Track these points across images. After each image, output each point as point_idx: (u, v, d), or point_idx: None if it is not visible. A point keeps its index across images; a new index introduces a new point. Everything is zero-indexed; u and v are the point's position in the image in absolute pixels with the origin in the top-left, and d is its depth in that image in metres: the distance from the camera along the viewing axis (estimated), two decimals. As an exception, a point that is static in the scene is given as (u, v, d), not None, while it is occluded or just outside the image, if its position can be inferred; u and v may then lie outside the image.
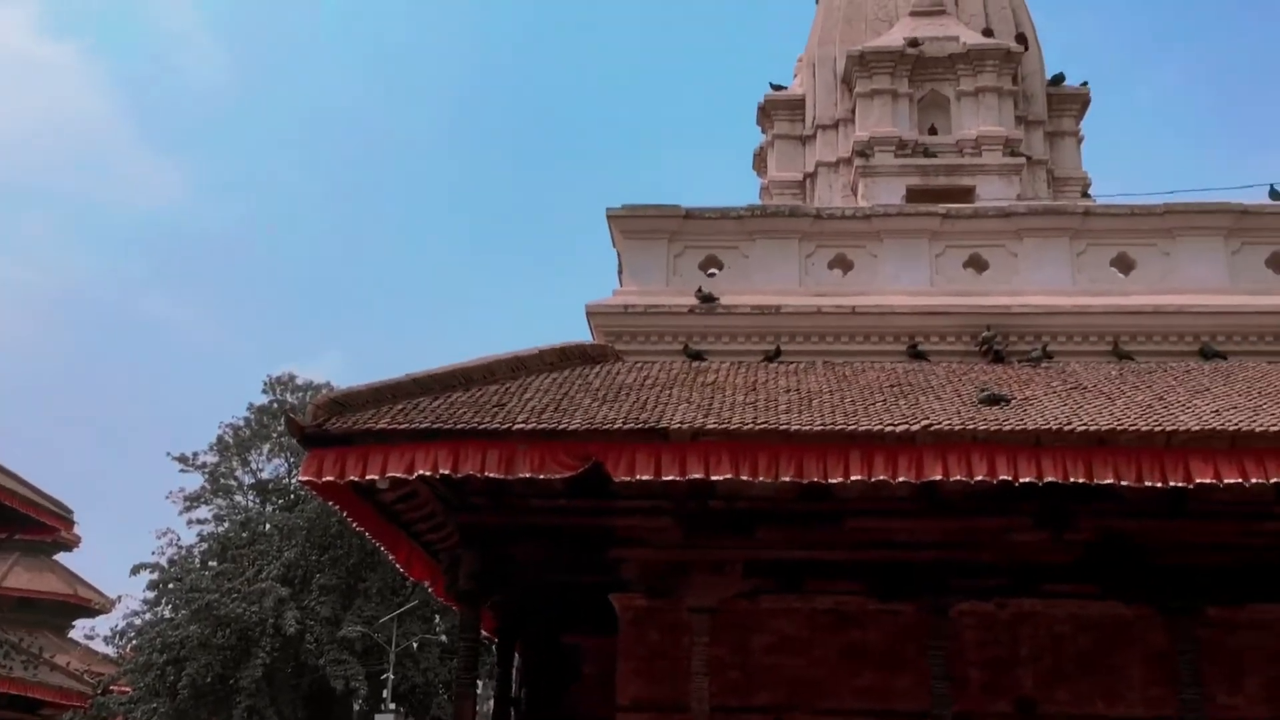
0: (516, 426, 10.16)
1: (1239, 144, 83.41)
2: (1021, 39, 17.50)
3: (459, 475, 10.18)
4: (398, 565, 14.28)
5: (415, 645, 32.01)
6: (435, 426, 10.12)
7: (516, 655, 15.32)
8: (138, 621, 32.41)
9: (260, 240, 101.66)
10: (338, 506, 11.85)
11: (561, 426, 10.17)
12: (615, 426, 10.11)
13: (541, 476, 10.15)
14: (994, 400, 10.71)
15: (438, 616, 32.10)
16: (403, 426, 10.16)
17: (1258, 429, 9.67)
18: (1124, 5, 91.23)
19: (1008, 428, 9.96)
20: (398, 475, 10.07)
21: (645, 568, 11.68)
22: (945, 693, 10.91)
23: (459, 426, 10.13)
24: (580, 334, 14.03)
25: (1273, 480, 9.52)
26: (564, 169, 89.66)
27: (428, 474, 10.11)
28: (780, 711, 12.33)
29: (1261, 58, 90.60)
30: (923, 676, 11.36)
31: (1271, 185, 14.19)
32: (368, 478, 10.11)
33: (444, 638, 31.75)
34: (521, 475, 10.10)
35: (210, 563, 31.88)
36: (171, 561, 32.27)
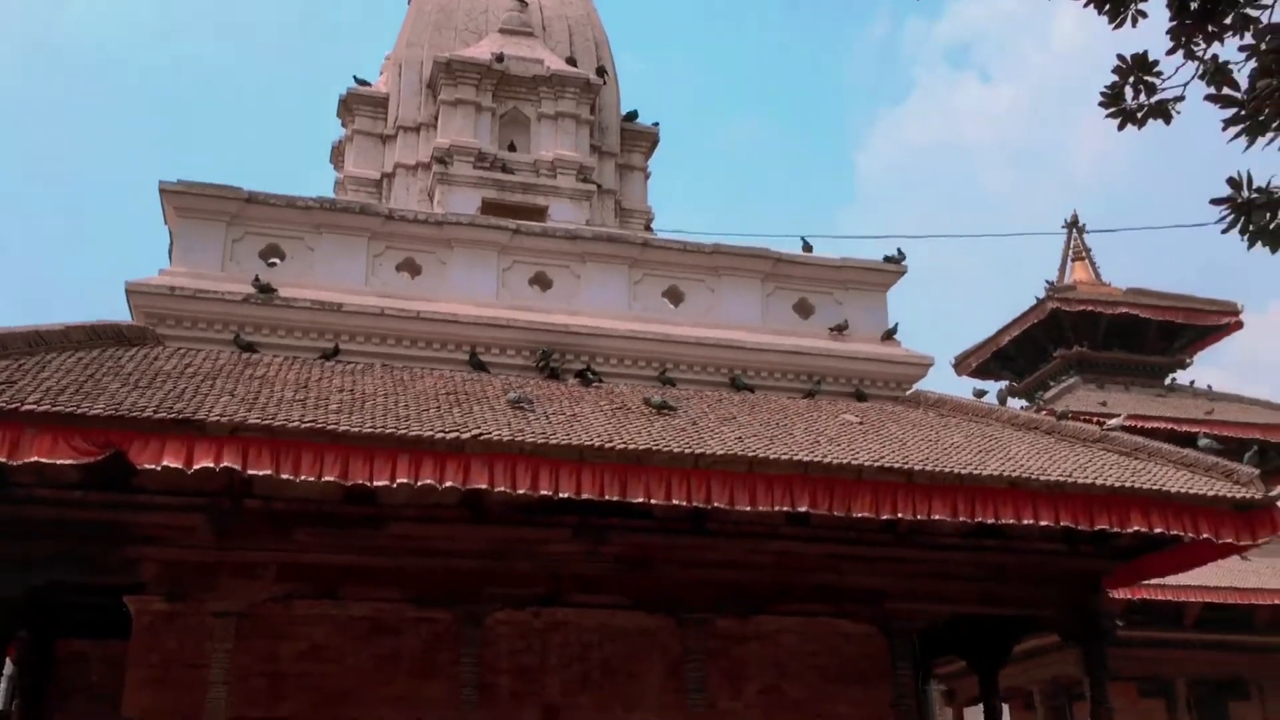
0: (26, 407, 9.12)
1: (786, 198, 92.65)
2: (602, 72, 18.25)
3: (-49, 459, 8.97)
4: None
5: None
6: (-77, 402, 8.84)
7: (9, 662, 13.73)
8: None
9: None
10: None
11: (80, 410, 9.25)
12: (144, 415, 9.34)
13: (52, 463, 9.18)
14: (519, 404, 11.09)
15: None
16: (-120, 400, 8.79)
17: (772, 456, 10.60)
18: (700, 63, 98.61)
19: (554, 441, 10.24)
20: None
21: (168, 568, 10.86)
22: (473, 700, 11.00)
23: (-46, 403, 8.92)
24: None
25: (779, 506, 10.48)
26: (117, 137, 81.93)
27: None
28: (304, 721, 11.91)
29: (812, 126, 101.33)
30: (455, 684, 11.38)
31: (803, 237, 15.73)
32: None
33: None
34: (28, 461, 9.09)
35: None
36: None
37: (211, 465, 9.37)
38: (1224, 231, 5.51)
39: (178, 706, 11.41)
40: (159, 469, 9.32)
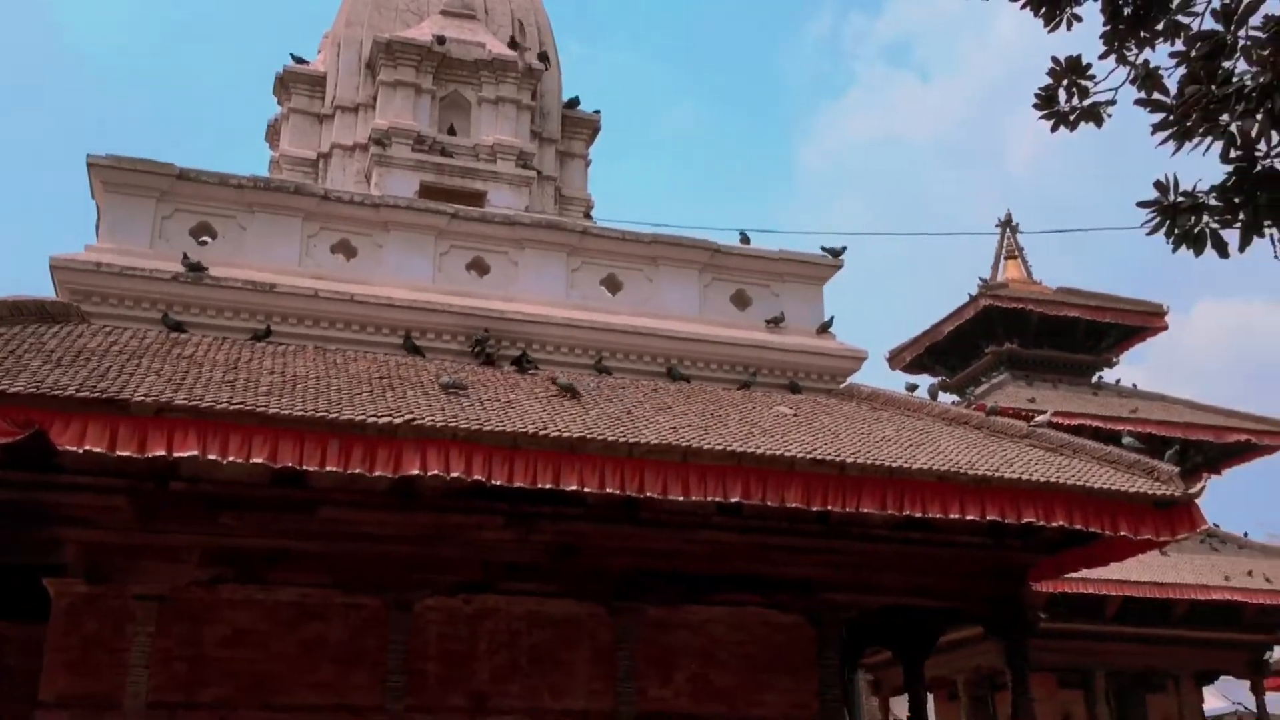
0: (-57, 383, 8.87)
1: (726, 190, 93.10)
2: (544, 57, 18.15)
3: None
4: None
5: None
6: None
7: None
8: None
9: None
10: None
11: (0, 388, 9.01)
12: (66, 393, 9.12)
13: (-32, 443, 8.94)
14: (452, 388, 11.03)
15: None
16: None
17: (705, 446, 10.63)
18: (643, 52, 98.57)
19: (488, 428, 10.18)
20: None
21: (90, 550, 10.66)
22: (400, 687, 10.93)
23: None
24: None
25: (711, 496, 10.51)
26: (45, 108, 79.83)
27: None
28: (227, 707, 11.73)
29: (753, 119, 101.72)
30: (382, 671, 11.30)
31: (741, 230, 15.79)
32: None
33: None
34: (-57, 440, 8.85)
35: None
36: None
37: (136, 447, 9.18)
38: (1149, 234, 5.62)
39: (97, 690, 11.20)
40: (81, 450, 9.12)
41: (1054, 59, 6.07)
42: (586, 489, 10.32)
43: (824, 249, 15.63)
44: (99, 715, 10.92)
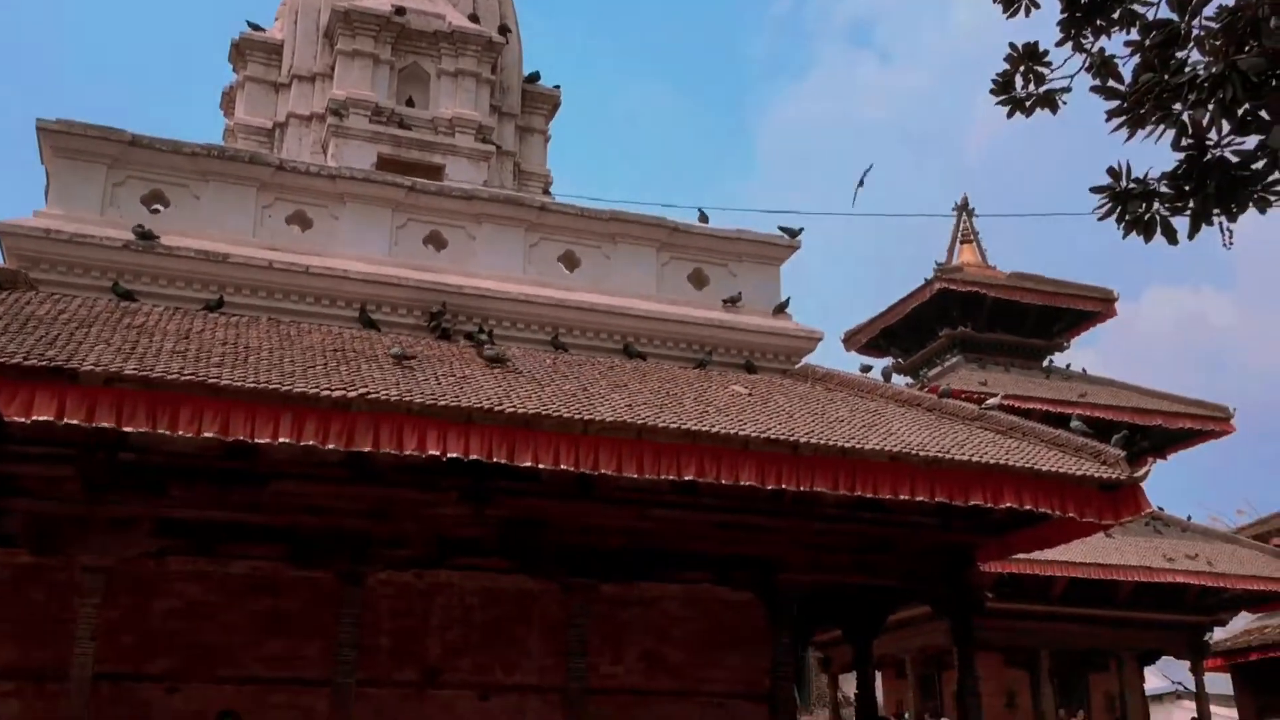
0: (-115, 350, 8.69)
1: (686, 168, 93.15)
2: (504, 30, 17.99)
3: None
4: None
5: None
6: None
7: None
8: None
9: None
10: None
11: (-56, 355, 8.84)
12: (13, 362, 8.97)
13: (-88, 410, 8.77)
14: (402, 359, 10.98)
15: None
16: None
17: (660, 424, 10.65)
18: (605, 28, 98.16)
19: (442, 403, 10.12)
20: None
21: (36, 521, 10.53)
22: (351, 660, 10.89)
23: None
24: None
25: (665, 474, 10.54)
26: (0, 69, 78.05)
27: None
28: (175, 679, 11.68)
29: (714, 97, 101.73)
30: (333, 644, 11.24)
31: (700, 209, 15.79)
32: None
33: None
34: (-116, 408, 8.68)
35: None
36: None
37: (84, 417, 9.05)
38: (1101, 219, 5.69)
39: (43, 661, 11.11)
40: (28, 420, 8.98)
41: (1011, 45, 6.12)
42: (541, 465, 10.27)
43: (781, 229, 15.69)
44: (45, 686, 10.81)
